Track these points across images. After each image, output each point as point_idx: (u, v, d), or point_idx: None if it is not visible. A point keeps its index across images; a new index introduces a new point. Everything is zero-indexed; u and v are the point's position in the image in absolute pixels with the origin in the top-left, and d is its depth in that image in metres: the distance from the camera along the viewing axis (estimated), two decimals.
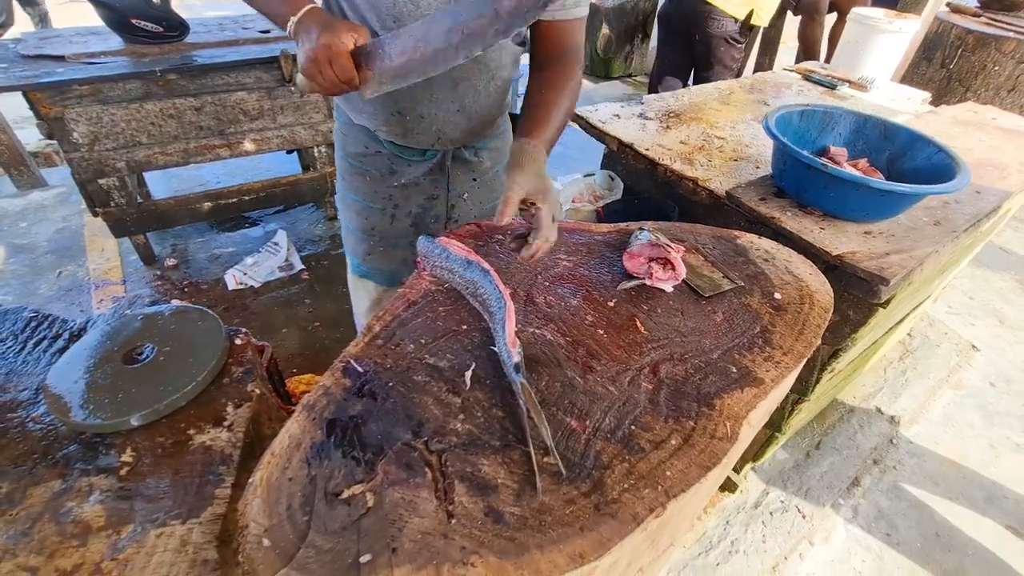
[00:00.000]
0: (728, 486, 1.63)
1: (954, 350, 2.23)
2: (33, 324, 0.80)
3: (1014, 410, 2.01)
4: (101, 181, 2.06)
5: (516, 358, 0.64)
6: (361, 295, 1.36)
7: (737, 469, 1.62)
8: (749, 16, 2.51)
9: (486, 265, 0.76)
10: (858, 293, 1.06)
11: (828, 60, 3.50)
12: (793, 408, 1.40)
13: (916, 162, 1.19)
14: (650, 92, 3.00)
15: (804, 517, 1.61)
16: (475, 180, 1.23)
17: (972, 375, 2.15)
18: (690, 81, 2.96)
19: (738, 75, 2.76)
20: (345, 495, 0.53)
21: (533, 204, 0.81)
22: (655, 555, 0.78)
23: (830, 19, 3.55)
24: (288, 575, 0.46)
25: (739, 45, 2.62)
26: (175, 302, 0.83)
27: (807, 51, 3.64)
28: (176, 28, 2.07)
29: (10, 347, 0.76)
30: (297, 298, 2.32)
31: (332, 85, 0.79)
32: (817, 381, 1.29)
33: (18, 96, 1.81)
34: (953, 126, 1.65)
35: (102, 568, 0.53)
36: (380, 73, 0.79)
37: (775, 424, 1.47)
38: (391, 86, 0.80)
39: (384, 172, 1.15)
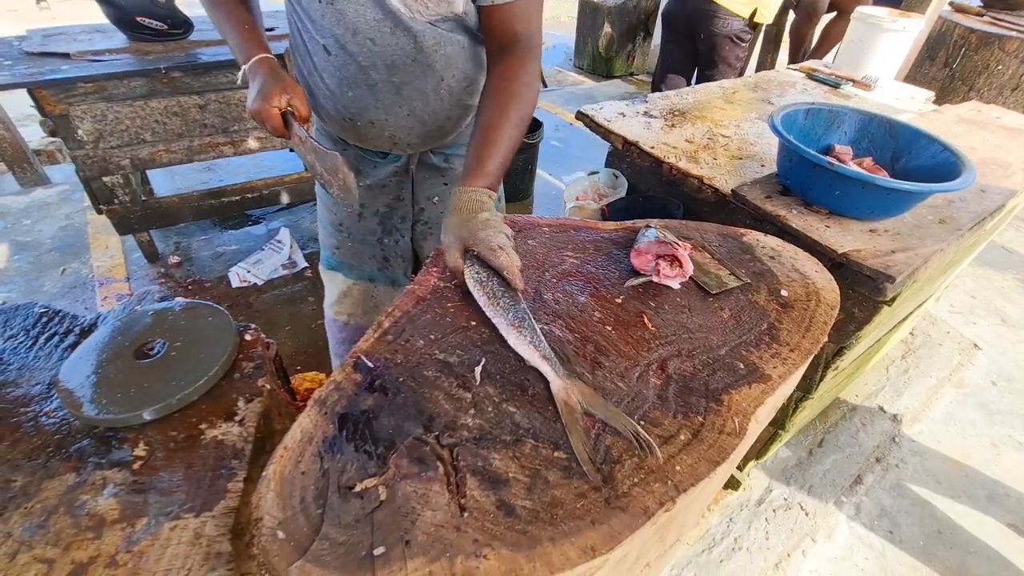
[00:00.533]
0: (732, 483, 1.64)
1: (956, 349, 2.23)
2: (44, 320, 0.81)
3: (1016, 409, 2.01)
4: (105, 179, 2.07)
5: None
6: (330, 287, 1.36)
7: (740, 467, 1.62)
8: (753, 14, 2.51)
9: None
10: (863, 291, 1.06)
11: (818, 56, 3.52)
12: (797, 406, 1.40)
13: (921, 160, 1.19)
14: (654, 90, 3.00)
15: (807, 514, 1.62)
16: (446, 184, 1.22)
17: (974, 374, 2.15)
18: (693, 79, 2.96)
19: (741, 73, 2.76)
20: (358, 488, 0.53)
21: (470, 249, 0.78)
22: (662, 550, 0.78)
23: (826, 17, 3.57)
24: (303, 567, 0.47)
25: (744, 44, 2.62)
26: (179, 299, 0.84)
27: (794, 47, 3.66)
28: (180, 26, 2.08)
29: (22, 342, 0.77)
30: (300, 296, 2.33)
31: (272, 133, 0.94)
32: (821, 379, 1.29)
33: (21, 93, 1.81)
34: (957, 125, 1.65)
35: (117, 560, 0.54)
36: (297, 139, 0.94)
37: (779, 422, 1.47)
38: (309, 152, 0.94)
39: (351, 170, 1.16)
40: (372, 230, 1.23)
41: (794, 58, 3.80)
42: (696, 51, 2.76)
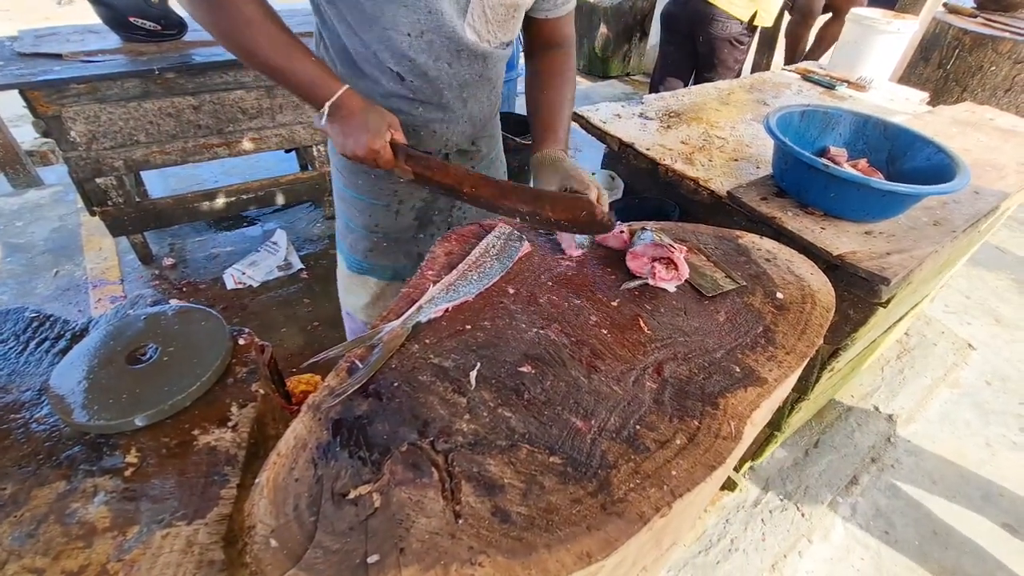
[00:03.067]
0: (728, 485, 1.64)
1: (951, 349, 2.24)
2: (35, 324, 0.80)
3: (1010, 408, 2.02)
4: (99, 180, 2.05)
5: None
6: (359, 292, 1.37)
7: (737, 468, 1.62)
8: (752, 17, 2.52)
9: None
10: (859, 293, 1.06)
11: (814, 57, 3.53)
12: (793, 407, 1.40)
13: (916, 162, 1.20)
14: (651, 92, 3.00)
15: (803, 515, 1.62)
16: (473, 167, 1.25)
17: (968, 374, 2.16)
18: (691, 81, 2.96)
19: (738, 75, 2.76)
20: (352, 495, 0.53)
21: (575, 191, 0.90)
22: (658, 554, 0.78)
23: (822, 19, 3.59)
24: (296, 575, 0.46)
25: (742, 47, 2.62)
26: (174, 302, 0.83)
27: (790, 49, 3.68)
28: (174, 26, 2.06)
29: (12, 347, 0.76)
30: (296, 298, 2.32)
31: (372, 167, 0.90)
32: (817, 380, 1.30)
33: (13, 94, 1.80)
34: (951, 126, 1.66)
35: (108, 569, 0.53)
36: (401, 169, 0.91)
37: (775, 423, 1.47)
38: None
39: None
40: (408, 226, 1.24)
41: (790, 60, 3.81)
42: (695, 53, 2.76)
